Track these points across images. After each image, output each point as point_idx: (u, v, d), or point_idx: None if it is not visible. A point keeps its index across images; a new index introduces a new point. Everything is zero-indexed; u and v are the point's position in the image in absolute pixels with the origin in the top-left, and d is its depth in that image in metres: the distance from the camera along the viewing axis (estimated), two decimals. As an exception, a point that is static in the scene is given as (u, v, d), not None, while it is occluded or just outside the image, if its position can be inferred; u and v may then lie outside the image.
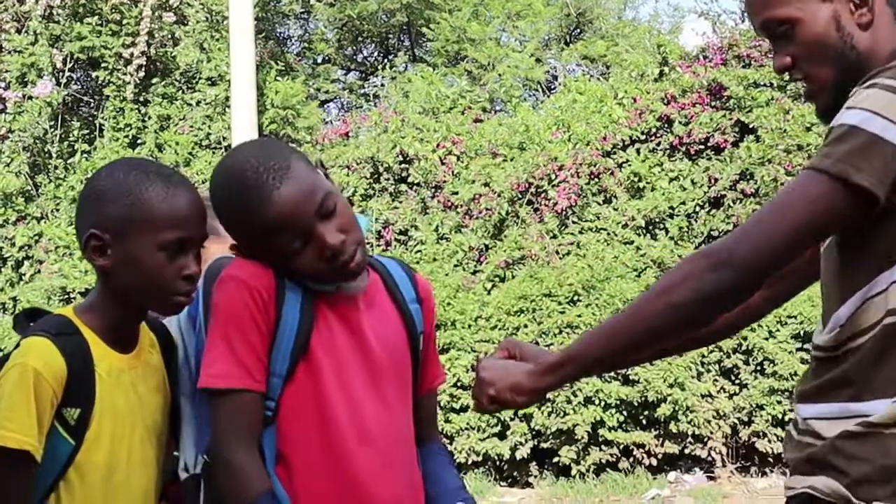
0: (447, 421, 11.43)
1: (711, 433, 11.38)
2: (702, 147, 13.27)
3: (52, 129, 16.25)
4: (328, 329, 2.65)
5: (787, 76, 2.57)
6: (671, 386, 11.19)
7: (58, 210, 15.70)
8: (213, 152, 16.91)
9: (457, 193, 14.13)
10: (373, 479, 2.64)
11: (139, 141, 16.96)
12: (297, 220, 2.58)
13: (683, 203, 13.10)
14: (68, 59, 16.46)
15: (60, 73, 16.42)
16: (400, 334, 2.78)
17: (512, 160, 14.25)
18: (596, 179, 13.62)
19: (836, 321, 2.33)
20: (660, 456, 11.62)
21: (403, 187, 14.61)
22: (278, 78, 18.69)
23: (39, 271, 15.00)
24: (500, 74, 19.42)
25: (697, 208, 13.10)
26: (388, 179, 14.79)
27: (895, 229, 2.22)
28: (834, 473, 2.29)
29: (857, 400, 2.27)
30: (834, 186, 2.18)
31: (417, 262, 13.66)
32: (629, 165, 13.52)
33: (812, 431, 2.36)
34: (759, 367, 11.42)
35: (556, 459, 11.59)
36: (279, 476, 2.59)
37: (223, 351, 2.55)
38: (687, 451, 11.64)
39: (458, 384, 11.55)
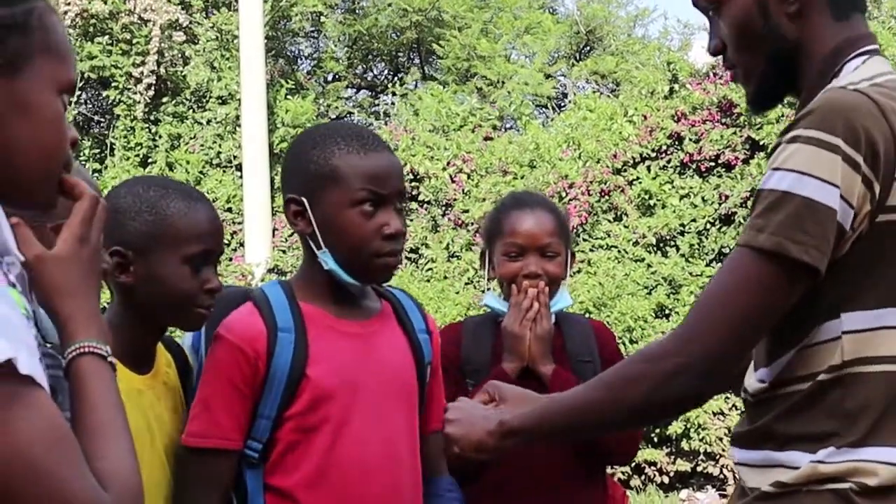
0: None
1: (724, 451, 11.34)
2: (712, 164, 13.25)
3: (63, 149, 16.26)
4: (333, 359, 2.66)
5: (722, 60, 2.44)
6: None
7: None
8: (224, 171, 16.95)
9: (467, 211, 14.13)
10: (375, 501, 2.65)
11: (150, 160, 17.01)
12: (388, 183, 2.65)
13: (694, 220, 13.08)
14: (79, 79, 16.48)
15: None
16: (408, 361, 2.79)
17: (522, 178, 14.24)
18: (606, 197, 13.61)
19: (770, 371, 2.21)
20: (672, 474, 11.60)
21: (414, 205, 14.61)
22: (288, 96, 18.74)
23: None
24: (509, 91, 19.44)
25: (708, 225, 13.08)
26: (398, 197, 14.78)
27: (843, 281, 2.09)
28: None
29: (780, 450, 2.17)
30: (774, 265, 2.06)
31: (428, 281, 13.66)
32: (640, 183, 13.51)
33: (741, 478, 2.29)
34: (771, 385, 11.37)
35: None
36: None
37: (202, 410, 2.64)
38: (699, 468, 11.61)
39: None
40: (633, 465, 11.44)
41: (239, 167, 16.95)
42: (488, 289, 3.51)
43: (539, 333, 3.23)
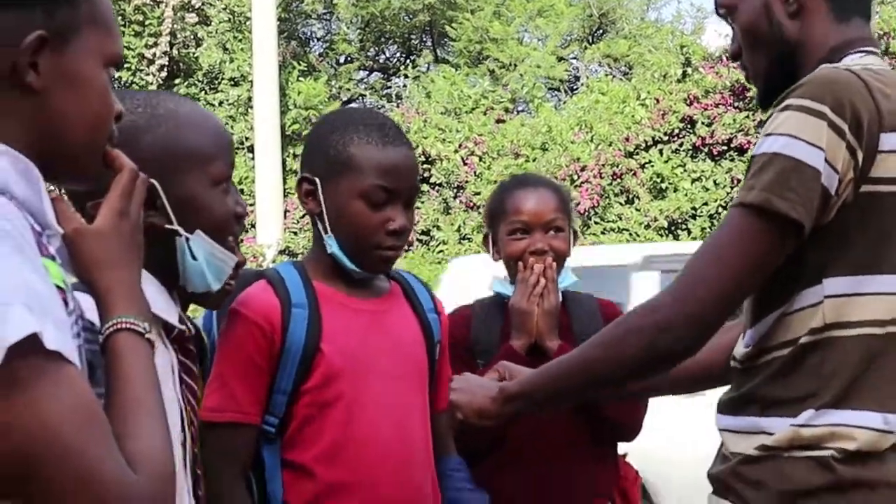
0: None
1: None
2: (724, 148, 13.25)
3: (76, 130, 16.30)
4: (346, 334, 2.67)
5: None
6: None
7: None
8: (236, 152, 16.94)
9: (479, 194, 14.13)
10: (388, 477, 2.66)
11: (162, 141, 17.01)
12: (400, 176, 2.65)
13: (706, 204, 13.07)
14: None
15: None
16: (418, 339, 2.80)
17: (534, 160, 14.24)
18: (618, 180, 13.60)
19: (754, 333, 2.29)
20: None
21: (426, 188, 14.61)
22: (301, 78, 18.75)
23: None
24: (521, 74, 19.42)
25: (720, 209, 13.08)
26: (410, 179, 14.79)
27: (827, 247, 2.17)
28: (734, 498, 2.25)
29: (762, 415, 2.23)
30: (763, 220, 2.14)
31: (439, 263, 13.66)
32: (652, 166, 13.50)
33: (724, 444, 2.34)
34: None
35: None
36: (286, 481, 2.63)
37: (219, 386, 2.61)
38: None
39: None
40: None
41: (251, 149, 16.97)
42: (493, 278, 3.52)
43: (546, 308, 3.24)
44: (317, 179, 2.68)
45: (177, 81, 18.16)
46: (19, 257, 1.41)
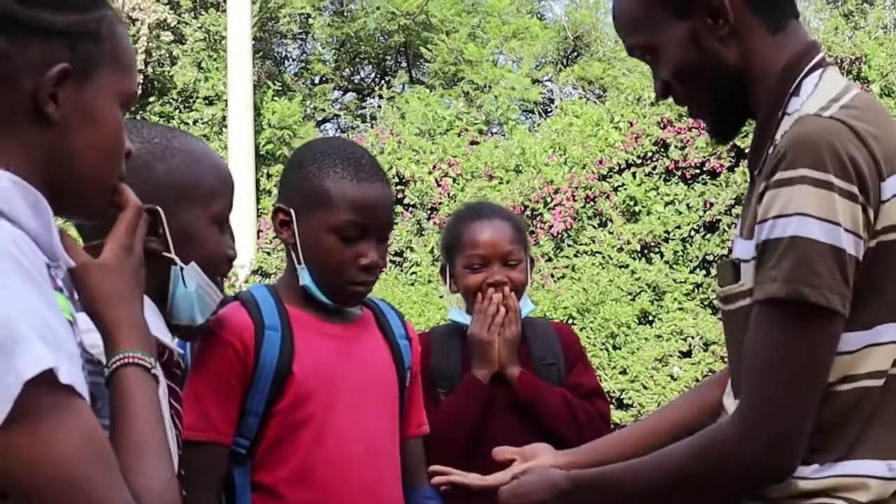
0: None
1: None
2: (697, 171, 13.30)
3: (49, 147, 16.24)
4: (317, 357, 2.68)
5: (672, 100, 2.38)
6: (665, 410, 11.18)
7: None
8: (210, 171, 16.89)
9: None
10: (357, 499, 2.66)
11: (135, 159, 16.96)
12: (374, 213, 2.66)
13: (679, 227, 13.11)
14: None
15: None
16: (389, 365, 2.81)
17: (508, 182, 14.27)
18: (591, 203, 13.63)
19: None
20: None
21: (399, 209, 14.61)
22: (275, 98, 18.75)
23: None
24: (496, 96, 19.46)
25: (692, 232, 13.12)
26: (383, 200, 14.78)
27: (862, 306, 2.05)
28: None
29: None
30: (795, 311, 2.01)
31: (412, 284, 13.67)
32: (625, 189, 13.54)
33: None
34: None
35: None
36: (255, 503, 2.64)
37: (192, 404, 2.58)
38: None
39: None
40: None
41: (225, 168, 16.92)
42: (451, 304, 3.53)
43: (508, 338, 3.27)
44: (292, 210, 2.69)
45: (151, 99, 18.13)
46: (34, 290, 1.42)
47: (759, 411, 2.07)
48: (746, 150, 2.42)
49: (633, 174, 13.66)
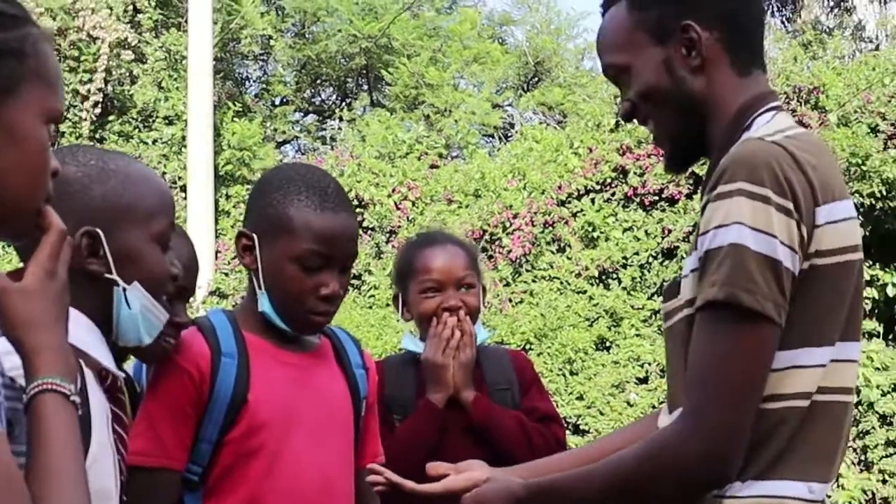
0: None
1: None
2: (656, 198, 13.34)
3: (6, 164, 16.13)
4: (273, 386, 2.68)
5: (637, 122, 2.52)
6: (621, 436, 11.19)
7: (8, 248, 15.58)
8: (168, 191, 16.80)
9: (412, 239, 14.11)
10: None
11: (94, 178, 16.84)
12: (337, 243, 2.67)
13: (637, 253, 13.15)
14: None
15: (16, 109, 16.31)
16: (344, 395, 2.81)
17: (467, 207, 14.28)
18: (550, 228, 13.65)
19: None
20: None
21: (358, 231, 14.58)
22: (235, 119, 18.72)
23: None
24: (456, 120, 19.50)
25: (651, 259, 13.15)
26: (342, 223, 14.76)
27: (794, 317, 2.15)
28: None
29: None
30: (733, 315, 2.10)
31: (370, 308, 13.64)
32: (584, 215, 13.56)
33: None
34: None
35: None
36: None
37: (145, 428, 2.58)
38: None
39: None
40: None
41: (184, 188, 16.88)
42: (404, 333, 3.54)
43: (463, 361, 3.28)
44: (255, 236, 2.68)
45: (111, 118, 18.04)
46: None
47: (701, 412, 2.13)
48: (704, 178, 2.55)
49: (592, 200, 13.69)
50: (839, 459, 2.25)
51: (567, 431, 11.20)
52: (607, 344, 12.70)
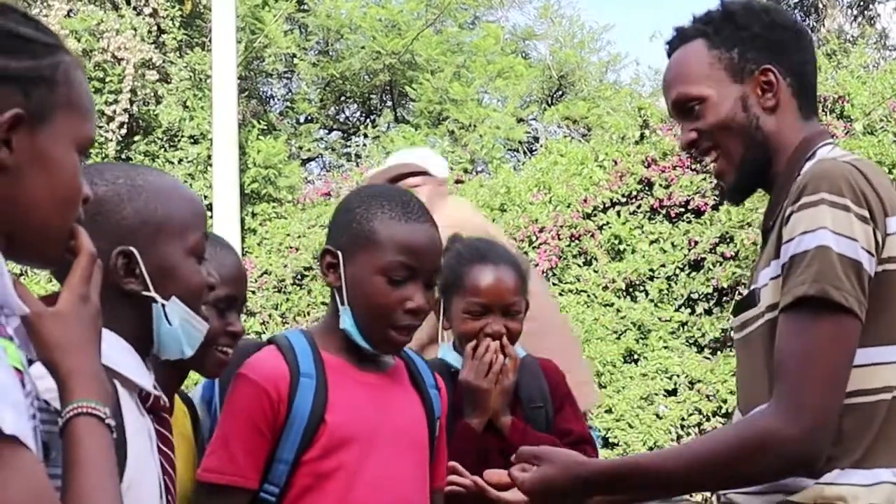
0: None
1: (691, 496, 11.34)
2: (682, 210, 13.32)
3: (33, 186, 16.20)
4: (351, 406, 2.66)
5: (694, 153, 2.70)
6: (651, 449, 11.17)
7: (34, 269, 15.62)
8: (195, 210, 16.86)
9: (438, 254, 14.11)
10: None
11: (120, 198, 16.92)
12: (423, 255, 2.66)
13: (663, 265, 13.12)
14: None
15: (42, 130, 16.40)
16: (420, 416, 2.80)
17: (493, 221, 14.27)
18: (576, 241, 13.64)
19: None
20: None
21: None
22: (260, 137, 18.77)
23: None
24: (481, 135, 19.49)
25: (678, 271, 13.13)
26: (369, 239, 14.77)
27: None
28: None
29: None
30: (822, 310, 2.26)
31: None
32: (610, 228, 13.55)
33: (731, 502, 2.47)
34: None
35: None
36: None
37: (220, 447, 2.61)
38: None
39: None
40: None
41: (210, 207, 16.93)
42: (442, 341, 3.49)
43: (505, 386, 3.19)
44: (339, 252, 2.67)
45: (136, 139, 18.13)
46: None
47: (799, 396, 2.28)
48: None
49: (618, 213, 13.68)
50: None
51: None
52: (635, 356, 12.68)
